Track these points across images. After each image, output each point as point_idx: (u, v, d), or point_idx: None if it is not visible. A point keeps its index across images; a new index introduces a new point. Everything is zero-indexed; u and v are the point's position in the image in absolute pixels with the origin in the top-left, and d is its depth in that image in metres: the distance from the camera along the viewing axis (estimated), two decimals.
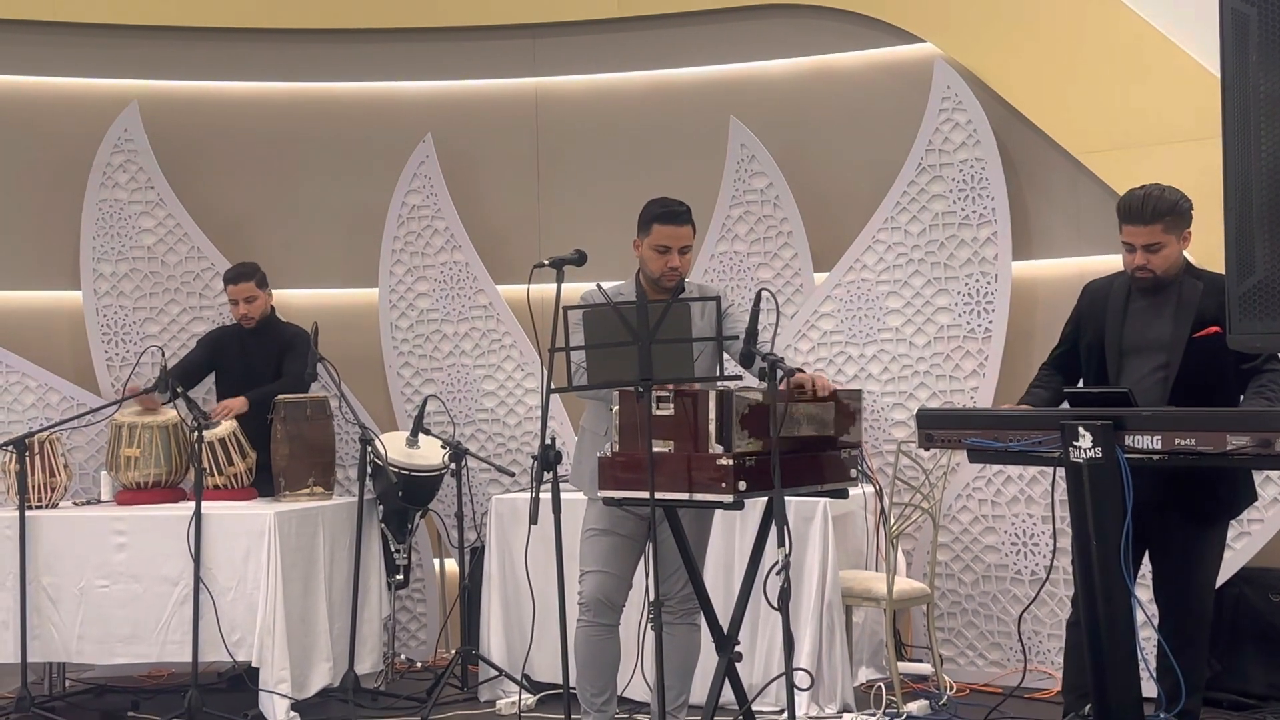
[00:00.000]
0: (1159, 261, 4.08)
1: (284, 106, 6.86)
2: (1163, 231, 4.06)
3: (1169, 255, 4.09)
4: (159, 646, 5.30)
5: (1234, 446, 3.38)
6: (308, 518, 5.52)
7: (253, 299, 6.09)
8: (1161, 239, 4.07)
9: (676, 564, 4.22)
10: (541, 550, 4.52)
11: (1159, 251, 4.08)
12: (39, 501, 5.52)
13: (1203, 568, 4.13)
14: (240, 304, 6.09)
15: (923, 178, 6.03)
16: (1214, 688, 5.05)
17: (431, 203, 6.70)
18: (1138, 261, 4.10)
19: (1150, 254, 4.08)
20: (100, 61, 6.68)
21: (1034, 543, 5.71)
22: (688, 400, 3.81)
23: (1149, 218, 4.05)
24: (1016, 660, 5.66)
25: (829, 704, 5.24)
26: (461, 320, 6.69)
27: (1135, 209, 4.07)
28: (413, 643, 6.58)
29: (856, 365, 6.12)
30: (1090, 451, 3.55)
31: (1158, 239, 4.07)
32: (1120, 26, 5.72)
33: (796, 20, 6.52)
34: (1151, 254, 4.08)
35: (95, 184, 6.52)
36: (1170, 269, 4.11)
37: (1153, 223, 4.06)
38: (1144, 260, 4.09)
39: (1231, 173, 2.71)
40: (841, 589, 5.32)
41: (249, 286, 6.09)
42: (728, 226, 6.39)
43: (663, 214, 4.37)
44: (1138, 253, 4.09)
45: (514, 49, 6.87)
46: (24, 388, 6.37)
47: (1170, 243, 4.08)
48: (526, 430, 6.59)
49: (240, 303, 6.09)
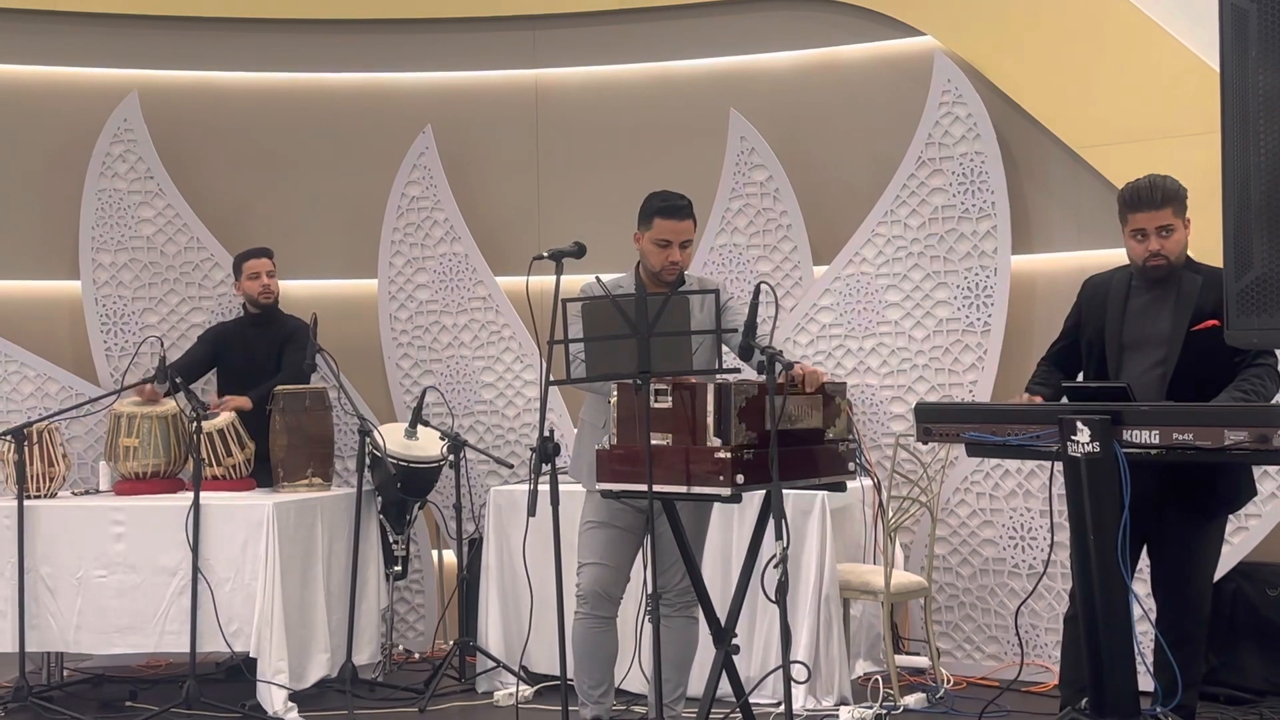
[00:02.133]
0: (1172, 245, 4.09)
1: (284, 97, 6.86)
2: (1173, 214, 4.09)
3: (1180, 240, 4.11)
4: (157, 637, 5.31)
5: (1232, 441, 3.38)
6: (306, 508, 5.52)
7: (273, 274, 6.19)
8: (1172, 221, 4.09)
9: (674, 556, 4.22)
10: (540, 542, 4.51)
11: (1171, 235, 4.09)
12: (37, 491, 5.52)
13: (1200, 562, 4.13)
14: (263, 276, 6.15)
15: (922, 171, 6.03)
16: (1211, 682, 5.07)
17: (431, 194, 6.70)
18: (1151, 248, 4.09)
19: (1163, 238, 4.08)
20: (100, 51, 6.68)
21: (1032, 537, 5.72)
22: (686, 393, 3.81)
23: (1160, 202, 4.07)
24: (1014, 654, 5.67)
25: (826, 697, 5.24)
26: (460, 312, 6.69)
27: (1144, 195, 4.08)
28: (411, 634, 6.59)
29: (855, 358, 6.12)
30: (1088, 446, 3.55)
31: (1169, 221, 4.09)
32: (1121, 21, 5.71)
33: (796, 13, 6.51)
34: (1164, 238, 4.08)
35: (95, 174, 6.51)
36: (1180, 256, 4.12)
37: (1164, 206, 4.08)
38: (1158, 245, 4.09)
39: (1230, 168, 2.71)
40: (839, 582, 5.33)
41: (270, 262, 6.18)
42: (727, 219, 6.39)
43: (664, 208, 4.34)
44: (1150, 239, 4.09)
45: (514, 40, 6.87)
46: (23, 377, 6.37)
47: (1179, 226, 4.11)
48: (525, 422, 6.59)
49: (263, 275, 6.15)
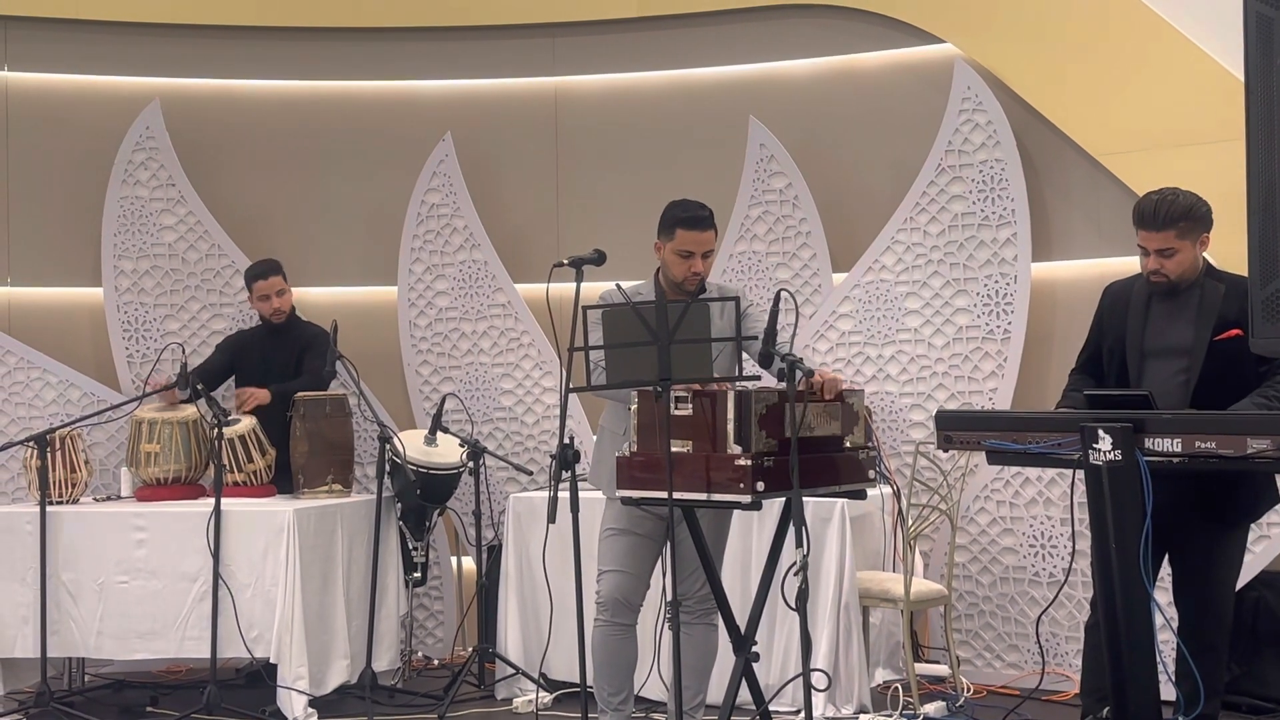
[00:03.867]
0: (1172, 266, 4.07)
1: (305, 105, 6.88)
2: (1176, 237, 4.05)
3: (1183, 260, 4.07)
4: (178, 642, 5.33)
5: (1254, 450, 3.37)
6: (326, 515, 5.54)
7: (283, 292, 6.15)
8: (1175, 244, 4.05)
9: (694, 564, 4.22)
10: (559, 549, 4.52)
11: (1172, 257, 4.07)
12: (60, 497, 5.55)
13: (1222, 571, 4.12)
14: (272, 298, 6.12)
15: (942, 178, 6.02)
16: (1233, 691, 5.04)
17: (451, 201, 6.71)
18: (1151, 266, 4.10)
19: (1163, 259, 4.07)
20: (122, 59, 6.71)
21: (1052, 545, 5.70)
22: (706, 400, 3.81)
23: (1161, 223, 4.04)
24: (1034, 662, 5.65)
25: (846, 705, 5.23)
26: (480, 319, 6.70)
27: (1148, 214, 4.06)
28: (430, 640, 6.60)
29: (875, 366, 6.12)
30: (1110, 454, 3.54)
31: (1170, 244, 4.05)
32: (1141, 27, 5.70)
33: (816, 20, 6.51)
34: (1165, 259, 4.07)
35: (117, 181, 6.54)
36: (1185, 274, 4.09)
37: (1165, 228, 4.04)
38: (1157, 265, 4.08)
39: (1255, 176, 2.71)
40: (859, 590, 5.32)
41: (279, 280, 6.14)
42: (746, 226, 6.39)
43: (686, 219, 4.32)
44: (1151, 257, 4.09)
45: (534, 48, 6.88)
46: (45, 384, 6.40)
47: (1184, 248, 4.06)
48: (544, 429, 6.59)
49: (272, 297, 6.12)
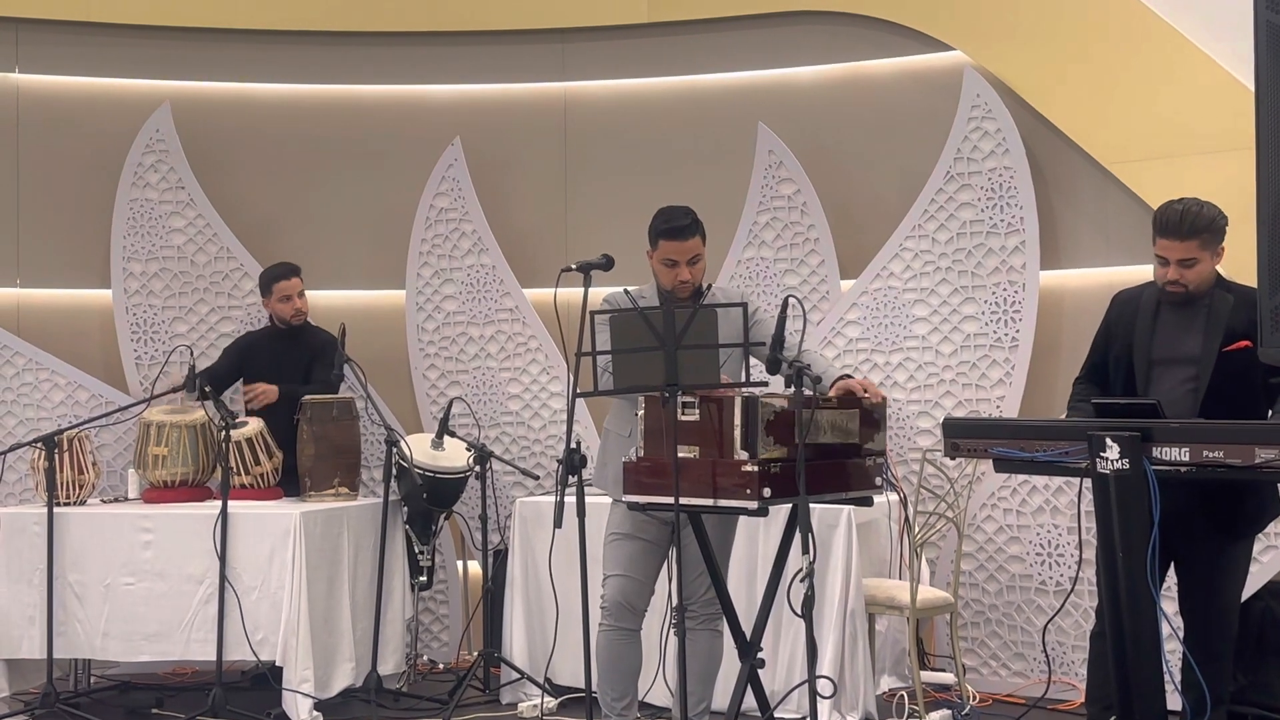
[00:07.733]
0: (1192, 277, 4.06)
1: (314, 108, 6.89)
2: (1198, 248, 4.03)
3: (1202, 271, 4.06)
4: (183, 644, 5.34)
5: (1262, 460, 3.36)
6: (333, 518, 5.54)
7: (304, 293, 6.21)
8: (1197, 254, 4.04)
9: (700, 569, 4.22)
10: (565, 553, 4.52)
11: (1193, 267, 4.05)
12: (67, 498, 5.55)
13: (1229, 581, 4.11)
14: (294, 299, 6.18)
15: (951, 186, 6.02)
16: (1239, 701, 5.02)
17: (459, 205, 6.72)
18: (1170, 276, 4.07)
19: (1184, 269, 4.05)
20: (133, 62, 6.73)
21: (1059, 553, 5.69)
22: (713, 406, 3.81)
23: (1185, 233, 4.02)
24: (1040, 671, 5.64)
25: (851, 712, 5.22)
26: (488, 323, 6.70)
27: (1173, 223, 4.03)
28: (435, 644, 6.60)
29: (882, 373, 6.11)
30: (1117, 463, 3.53)
31: (1193, 254, 4.04)
32: (1150, 36, 5.70)
33: (825, 27, 6.51)
34: (1185, 269, 4.05)
35: (126, 183, 6.55)
36: (1202, 285, 4.08)
37: (1189, 239, 4.02)
38: (1177, 275, 4.06)
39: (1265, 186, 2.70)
40: (865, 597, 5.31)
41: (300, 281, 6.20)
42: (755, 233, 6.39)
43: (666, 229, 4.30)
44: (1171, 267, 4.06)
45: (543, 53, 6.89)
46: (53, 385, 6.41)
47: (1204, 259, 4.05)
48: (551, 434, 6.60)
49: (294, 297, 6.18)
